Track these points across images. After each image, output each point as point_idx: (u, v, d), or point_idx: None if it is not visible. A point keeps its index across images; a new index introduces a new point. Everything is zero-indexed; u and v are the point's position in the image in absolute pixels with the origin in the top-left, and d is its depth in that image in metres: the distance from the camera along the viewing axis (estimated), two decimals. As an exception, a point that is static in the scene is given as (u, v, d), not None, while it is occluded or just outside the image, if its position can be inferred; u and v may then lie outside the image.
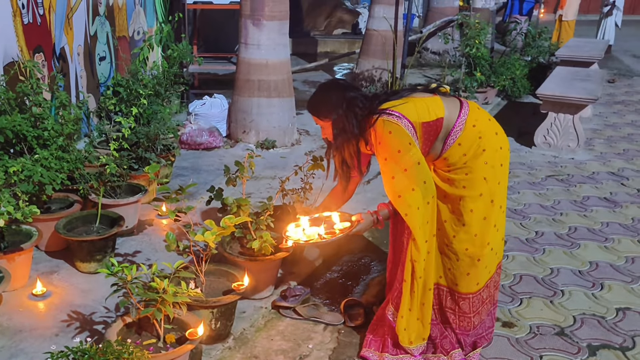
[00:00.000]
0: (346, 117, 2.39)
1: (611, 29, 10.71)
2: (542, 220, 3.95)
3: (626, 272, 3.28)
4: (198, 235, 2.27)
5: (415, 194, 2.26)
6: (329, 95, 2.48)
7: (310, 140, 5.60)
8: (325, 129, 2.51)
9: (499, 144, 2.41)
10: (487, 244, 2.42)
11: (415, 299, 2.40)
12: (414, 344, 2.47)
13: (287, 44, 5.34)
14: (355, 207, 3.63)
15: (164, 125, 4.20)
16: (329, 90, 2.51)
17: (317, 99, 2.52)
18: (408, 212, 2.29)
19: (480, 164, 2.35)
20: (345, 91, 2.45)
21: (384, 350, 2.54)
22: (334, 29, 11.97)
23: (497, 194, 2.39)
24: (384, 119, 2.30)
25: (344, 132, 2.40)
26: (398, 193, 2.30)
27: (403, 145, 2.26)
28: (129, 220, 3.40)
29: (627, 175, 4.88)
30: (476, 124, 2.36)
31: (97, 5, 5.19)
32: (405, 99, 2.37)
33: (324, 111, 2.45)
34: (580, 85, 5.63)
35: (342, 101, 2.41)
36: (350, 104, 2.40)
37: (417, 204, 2.27)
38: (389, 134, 2.28)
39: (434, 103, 2.36)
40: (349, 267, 3.33)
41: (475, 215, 2.38)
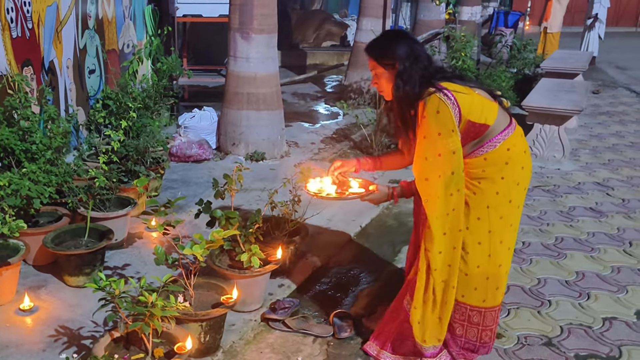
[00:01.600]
0: (412, 70, 2.28)
1: (595, 41, 10.88)
2: (529, 231, 3.99)
3: (612, 282, 3.32)
4: (187, 249, 2.28)
5: (440, 182, 2.22)
6: (398, 41, 2.35)
7: (300, 152, 5.62)
8: (380, 79, 2.38)
9: (518, 179, 2.36)
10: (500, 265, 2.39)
11: (429, 293, 2.34)
12: (427, 343, 2.41)
13: (276, 57, 5.38)
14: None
15: (154, 138, 4.21)
16: (398, 37, 2.40)
17: (383, 43, 2.38)
18: (429, 199, 2.26)
19: (491, 189, 2.32)
20: (414, 44, 2.35)
21: (384, 348, 2.57)
22: (322, 41, 12.06)
23: (505, 211, 2.34)
24: (440, 97, 2.21)
25: (407, 85, 2.28)
26: (425, 176, 2.27)
27: (446, 129, 2.21)
28: (118, 233, 3.40)
29: (612, 185, 4.94)
30: (511, 148, 2.32)
31: (86, 19, 5.20)
32: (469, 89, 2.30)
33: (389, 56, 2.32)
34: (565, 97, 5.72)
35: (411, 53, 2.30)
36: (419, 59, 2.30)
37: (439, 193, 2.23)
38: (437, 113, 2.21)
39: (490, 108, 2.31)
40: (338, 278, 3.34)
41: (481, 225, 2.34)
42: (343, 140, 6.00)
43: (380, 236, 3.90)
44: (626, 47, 13.99)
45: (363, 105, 7.15)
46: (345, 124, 6.64)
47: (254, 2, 4.97)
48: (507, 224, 2.36)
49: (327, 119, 7.06)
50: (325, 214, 4.09)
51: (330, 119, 7.05)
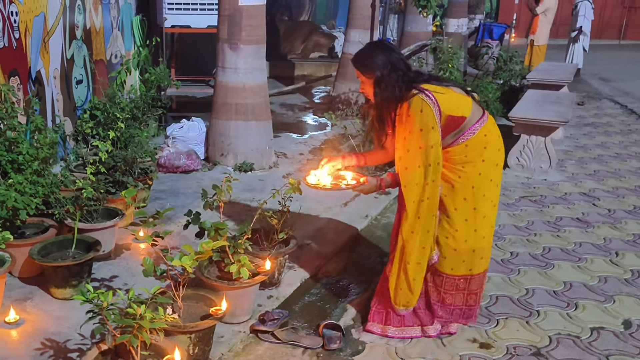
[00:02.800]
0: (389, 78, 2.58)
1: (579, 53, 11.04)
2: (517, 241, 4.02)
3: (599, 292, 3.35)
4: (175, 260, 2.27)
5: (419, 171, 2.53)
6: (376, 52, 2.64)
7: (288, 163, 5.62)
8: (365, 85, 2.68)
9: (497, 161, 2.68)
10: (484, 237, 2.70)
11: (402, 266, 2.68)
12: (398, 305, 2.76)
13: (264, 67, 5.39)
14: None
15: (142, 149, 4.19)
16: (377, 48, 2.69)
17: (364, 54, 2.69)
18: (407, 185, 2.56)
19: (474, 171, 2.63)
20: (391, 53, 2.64)
21: (387, 323, 2.83)
22: (310, 52, 12.11)
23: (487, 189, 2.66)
24: (422, 98, 2.52)
25: (385, 92, 2.58)
26: (405, 166, 2.57)
27: (426, 126, 2.51)
28: (106, 245, 3.37)
29: (598, 196, 5.00)
30: (488, 134, 2.64)
31: (74, 29, 5.18)
32: (445, 88, 2.62)
33: (369, 66, 2.62)
34: (551, 108, 5.79)
35: (388, 62, 2.60)
36: (395, 67, 2.60)
37: (417, 181, 2.54)
38: (420, 112, 2.51)
39: (465, 102, 2.62)
40: (327, 289, 3.34)
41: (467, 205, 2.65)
42: (331, 152, 6.01)
43: (369, 247, 3.90)
44: (610, 59, 14.21)
45: (351, 116, 7.17)
46: (334, 135, 6.66)
47: (242, 13, 4.99)
48: (489, 200, 2.68)
49: (316, 130, 7.08)
50: (315, 224, 4.10)
51: (318, 130, 7.07)
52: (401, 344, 2.80)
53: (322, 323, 2.88)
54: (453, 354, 2.74)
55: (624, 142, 6.90)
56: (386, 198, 4.71)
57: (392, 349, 2.77)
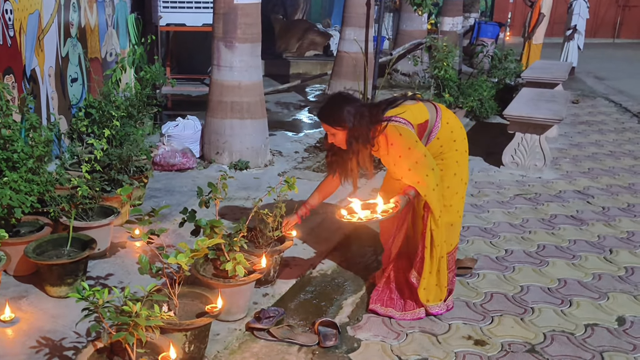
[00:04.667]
0: (360, 126, 2.79)
1: (574, 51, 11.07)
2: (512, 239, 4.04)
3: (593, 289, 3.37)
4: (171, 258, 2.27)
5: (429, 178, 2.77)
6: (341, 107, 2.84)
7: (283, 161, 5.63)
8: (336, 136, 2.87)
9: (463, 134, 3.02)
10: (458, 212, 3.06)
11: (434, 264, 2.91)
12: (430, 302, 2.98)
13: (260, 66, 5.39)
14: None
15: (137, 147, 4.18)
16: (341, 102, 2.88)
17: (331, 110, 2.87)
18: (427, 193, 2.79)
19: (452, 151, 2.96)
20: (353, 102, 2.87)
21: (390, 306, 3.04)
22: (306, 50, 12.11)
23: (463, 173, 3.04)
24: (394, 125, 2.79)
25: (360, 139, 2.80)
26: (417, 180, 2.79)
27: (411, 143, 2.77)
28: (101, 243, 3.36)
29: (592, 194, 5.02)
30: (449, 121, 2.96)
31: (68, 27, 5.17)
32: (401, 107, 2.89)
33: (339, 121, 2.81)
34: (546, 106, 5.80)
35: (355, 113, 2.81)
36: (362, 115, 2.81)
37: (432, 186, 2.78)
38: (400, 135, 2.77)
39: (421, 108, 2.92)
40: (322, 287, 3.34)
41: (450, 191, 2.98)
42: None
43: (363, 245, 3.91)
44: (604, 57, 14.27)
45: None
46: (329, 133, 6.65)
47: (237, 11, 4.99)
48: (459, 179, 3.03)
49: (311, 128, 7.08)
50: (311, 222, 4.10)
51: (313, 128, 7.07)
52: (396, 342, 2.81)
53: (318, 320, 2.89)
54: (448, 351, 2.75)
55: (618, 140, 6.93)
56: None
57: (388, 347, 2.78)
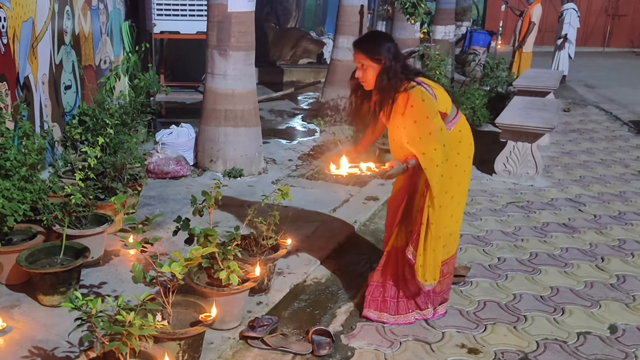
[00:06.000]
0: (395, 66, 2.76)
1: (565, 60, 11.17)
2: (504, 247, 4.06)
3: (586, 297, 3.39)
4: (165, 267, 2.27)
5: (436, 153, 2.71)
6: (383, 40, 2.82)
7: (277, 169, 5.63)
8: (366, 71, 2.80)
9: (469, 153, 2.97)
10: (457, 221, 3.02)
11: (428, 242, 2.85)
12: (427, 281, 2.91)
13: (254, 74, 5.41)
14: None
15: (131, 154, 4.18)
16: (383, 36, 2.88)
17: (372, 39, 2.86)
18: (429, 167, 2.73)
19: (451, 163, 2.85)
20: (395, 45, 2.82)
21: (383, 310, 3.04)
22: (299, 58, 12.14)
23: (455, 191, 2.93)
24: (421, 89, 2.73)
25: (392, 79, 2.75)
26: (422, 151, 2.73)
27: (431, 113, 2.72)
28: (95, 251, 3.35)
29: (583, 202, 5.06)
30: (462, 130, 2.93)
31: (62, 34, 5.17)
32: (436, 84, 2.87)
33: (377, 51, 2.77)
34: (537, 115, 5.85)
35: (394, 52, 2.78)
36: (399, 59, 2.79)
37: (437, 162, 2.72)
38: (422, 101, 2.72)
39: (447, 100, 2.87)
40: (316, 295, 3.34)
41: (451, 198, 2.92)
42: (320, 157, 6.03)
43: (357, 253, 3.92)
44: (595, 66, 14.40)
45: (340, 122, 7.21)
46: (323, 141, 6.68)
47: (231, 19, 5.01)
48: (459, 185, 2.94)
49: (304, 136, 7.10)
50: (304, 230, 4.11)
51: (307, 136, 7.09)
52: (390, 351, 2.82)
53: (312, 329, 2.89)
54: None
55: (609, 148, 6.99)
56: (374, 204, 4.73)
57: (382, 355, 2.78)
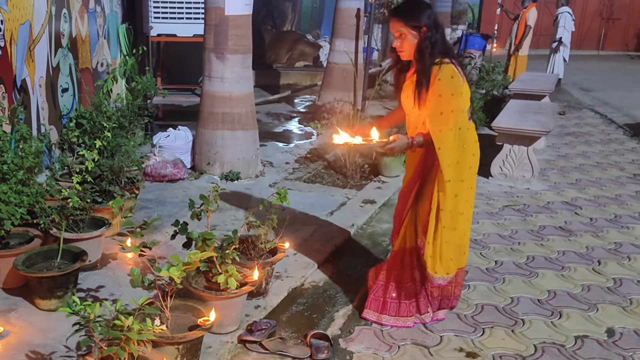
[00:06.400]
0: (435, 34, 2.68)
1: (560, 63, 11.23)
2: (501, 250, 4.07)
3: (583, 300, 3.40)
4: (163, 271, 2.26)
5: (451, 134, 2.67)
6: (423, 6, 2.71)
7: (274, 172, 5.63)
8: (404, 40, 2.71)
9: (470, 164, 2.86)
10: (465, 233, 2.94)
11: (439, 231, 2.80)
12: (437, 273, 2.88)
13: (251, 77, 5.41)
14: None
15: (128, 158, 4.18)
16: (423, 3, 2.74)
17: (413, 5, 2.72)
18: (442, 147, 2.68)
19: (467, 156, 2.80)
20: (434, 11, 2.74)
21: (383, 312, 3.02)
22: (295, 61, 12.16)
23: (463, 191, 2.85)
24: (453, 67, 2.68)
25: (435, 47, 2.67)
26: (439, 128, 2.68)
27: (457, 91, 2.68)
28: (92, 255, 3.34)
29: (580, 205, 5.08)
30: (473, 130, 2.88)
31: (59, 37, 5.16)
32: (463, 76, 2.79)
33: (417, 18, 2.67)
34: (533, 118, 5.88)
35: (434, 19, 2.70)
36: (438, 26, 2.71)
37: (450, 144, 2.68)
38: (451, 78, 2.67)
39: (468, 95, 2.79)
40: (314, 299, 3.35)
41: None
42: (317, 160, 6.04)
43: (355, 256, 3.92)
44: (590, 69, 14.47)
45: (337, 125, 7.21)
46: (319, 144, 6.68)
47: (228, 22, 5.01)
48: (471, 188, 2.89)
49: (301, 139, 7.11)
50: (302, 233, 4.11)
51: (304, 139, 7.10)
52: (388, 354, 2.82)
53: (310, 333, 2.89)
54: (440, 363, 2.77)
55: (604, 151, 7.03)
56: (371, 207, 4.74)
57: (380, 359, 2.78)
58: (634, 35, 18.69)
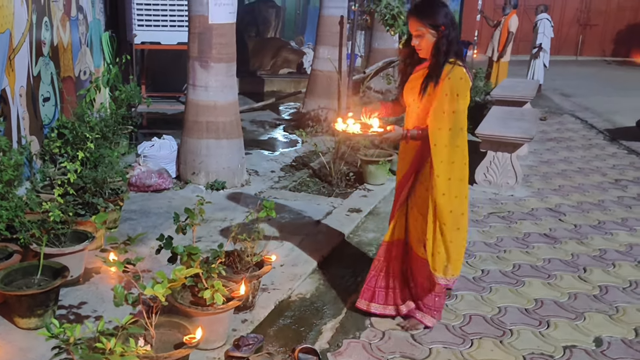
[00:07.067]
0: (452, 32, 2.73)
1: (540, 69, 11.36)
2: (487, 258, 4.07)
3: (570, 309, 3.40)
4: (148, 289, 2.21)
5: (449, 133, 2.72)
6: (440, 5, 2.76)
7: (260, 181, 5.59)
8: (422, 37, 2.75)
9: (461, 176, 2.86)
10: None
11: (437, 231, 2.80)
12: (437, 272, 2.86)
13: (235, 85, 5.37)
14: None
15: (112, 169, 4.11)
16: (440, 2, 2.78)
17: (428, 5, 2.78)
18: (437, 144, 2.73)
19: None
20: (450, 10, 2.78)
21: (372, 300, 3.15)
22: (279, 68, 12.14)
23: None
24: (463, 70, 2.74)
25: (452, 46, 2.73)
26: (439, 126, 2.72)
27: (463, 93, 2.73)
28: (75, 270, 3.28)
29: (563, 211, 5.11)
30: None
31: (40, 46, 5.08)
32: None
33: (435, 17, 2.72)
34: (516, 125, 5.92)
35: (452, 19, 2.75)
36: (455, 24, 2.76)
37: (446, 142, 2.72)
38: (460, 79, 2.72)
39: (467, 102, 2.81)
40: (301, 312, 3.31)
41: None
42: (302, 168, 6.01)
43: (342, 266, 3.89)
44: (569, 74, 14.65)
45: (321, 132, 7.21)
46: (304, 152, 6.66)
47: (212, 31, 4.98)
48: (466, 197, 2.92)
49: (286, 147, 7.08)
50: (288, 244, 4.08)
51: (289, 147, 7.07)
52: (377, 366, 2.80)
53: (298, 347, 2.85)
54: (429, 375, 2.75)
55: (586, 157, 7.10)
56: (358, 216, 4.73)
57: (369, 372, 2.76)
58: (611, 40, 19.01)
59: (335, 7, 7.43)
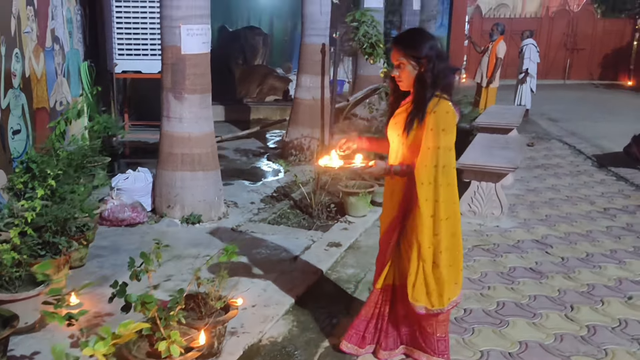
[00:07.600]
0: (439, 66, 2.62)
1: (527, 94, 11.36)
2: (471, 296, 3.90)
3: (556, 353, 3.21)
4: (87, 349, 2.03)
5: (433, 171, 2.62)
6: (425, 38, 2.66)
7: (238, 213, 5.43)
8: (404, 69, 2.66)
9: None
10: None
11: (419, 265, 2.71)
12: (416, 302, 2.77)
13: (211, 116, 5.23)
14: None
15: (75, 206, 3.94)
16: (426, 35, 2.71)
17: (412, 37, 2.72)
18: (424, 182, 2.64)
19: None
20: (438, 46, 2.67)
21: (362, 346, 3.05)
22: (266, 95, 12.08)
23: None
24: (449, 104, 2.64)
25: (437, 79, 2.62)
26: (425, 164, 2.63)
27: (449, 128, 2.61)
28: (29, 316, 3.09)
29: (550, 243, 4.96)
30: None
31: (10, 78, 4.94)
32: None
33: (418, 49, 2.63)
34: (500, 154, 5.79)
35: (437, 52, 2.64)
36: (441, 57, 2.66)
37: (429, 180, 2.62)
38: (446, 113, 2.62)
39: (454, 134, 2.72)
40: (271, 357, 3.12)
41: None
42: (283, 199, 5.86)
43: (318, 306, 3.70)
44: (556, 99, 14.66)
45: (304, 162, 7.08)
46: (286, 182, 6.51)
47: (185, 61, 4.86)
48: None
49: (269, 176, 6.94)
50: (262, 283, 3.90)
51: (271, 176, 6.93)
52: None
53: (264, 400, 2.66)
54: None
55: (574, 185, 6.98)
56: (337, 250, 4.56)
57: None
58: (598, 64, 19.17)
59: (317, 35, 7.37)
